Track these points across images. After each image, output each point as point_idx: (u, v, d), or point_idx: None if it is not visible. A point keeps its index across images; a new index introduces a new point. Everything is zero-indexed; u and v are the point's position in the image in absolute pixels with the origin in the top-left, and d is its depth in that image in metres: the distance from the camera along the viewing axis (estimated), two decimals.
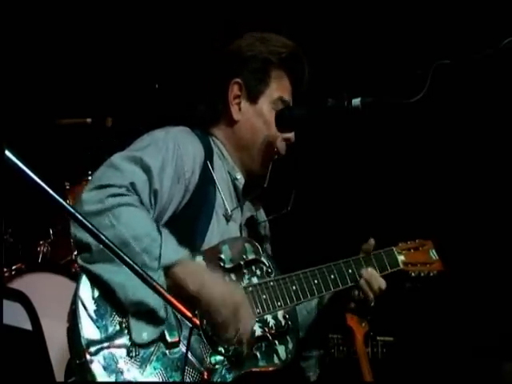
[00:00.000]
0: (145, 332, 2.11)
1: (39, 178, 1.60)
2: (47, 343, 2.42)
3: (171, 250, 2.19)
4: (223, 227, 2.47)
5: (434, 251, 2.78)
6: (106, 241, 1.76)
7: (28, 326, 2.54)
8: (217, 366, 2.21)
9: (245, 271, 2.39)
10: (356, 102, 2.40)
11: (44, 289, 3.59)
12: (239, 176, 2.57)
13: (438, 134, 4.26)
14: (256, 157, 2.57)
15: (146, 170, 2.28)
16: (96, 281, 2.14)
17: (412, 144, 4.30)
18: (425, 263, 2.74)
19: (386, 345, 4.02)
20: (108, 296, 2.12)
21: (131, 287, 2.08)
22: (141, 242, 2.14)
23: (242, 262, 2.39)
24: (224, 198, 2.50)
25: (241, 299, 2.24)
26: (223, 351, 2.24)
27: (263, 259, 2.45)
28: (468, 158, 4.24)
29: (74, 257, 3.90)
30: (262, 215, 2.76)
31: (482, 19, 3.99)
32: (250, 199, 2.65)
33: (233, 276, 2.36)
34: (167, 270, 2.16)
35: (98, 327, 2.10)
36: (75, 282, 3.49)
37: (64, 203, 1.68)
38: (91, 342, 2.07)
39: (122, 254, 1.79)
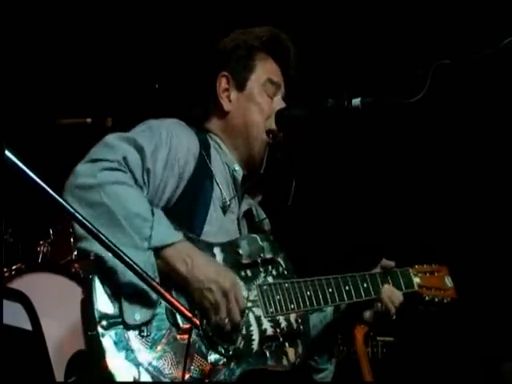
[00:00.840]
0: (137, 313, 2.11)
1: (39, 178, 1.60)
2: (47, 343, 2.42)
3: (163, 231, 2.19)
4: (221, 218, 2.47)
5: (449, 278, 2.78)
6: (107, 241, 1.76)
7: (28, 326, 2.54)
8: (218, 366, 2.21)
9: (261, 269, 2.39)
10: (356, 101, 2.40)
11: (44, 289, 3.59)
12: (237, 168, 2.57)
13: (439, 133, 4.26)
14: (252, 141, 2.57)
15: (139, 149, 2.29)
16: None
17: (412, 144, 4.31)
18: (439, 289, 2.74)
19: (385, 345, 4.02)
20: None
21: (122, 269, 2.06)
22: (132, 221, 2.14)
23: (259, 260, 2.40)
24: (222, 189, 2.51)
25: (232, 280, 2.24)
26: (223, 351, 2.24)
27: (280, 260, 2.46)
28: (468, 158, 4.25)
29: (74, 257, 3.90)
30: (261, 212, 2.76)
31: (482, 19, 4.00)
32: (247, 188, 2.64)
33: (249, 272, 2.37)
34: (158, 251, 2.16)
35: (111, 302, 2.10)
36: (75, 282, 3.53)
37: (64, 203, 1.68)
38: (104, 316, 2.07)
39: (122, 255, 1.78)
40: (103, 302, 2.10)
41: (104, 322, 2.07)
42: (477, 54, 2.30)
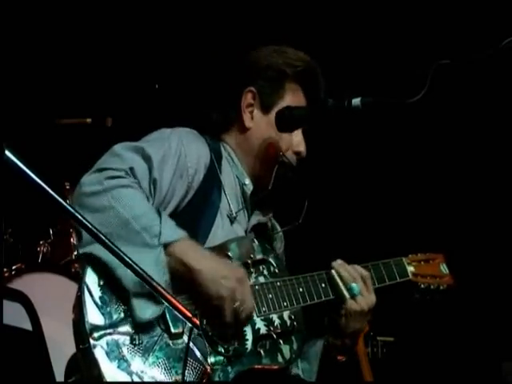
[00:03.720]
0: (148, 309, 2.12)
1: (39, 178, 1.60)
2: (47, 343, 2.43)
3: (170, 229, 2.20)
4: (228, 228, 2.47)
5: (444, 265, 2.77)
6: (106, 240, 1.75)
7: (28, 325, 2.55)
8: (216, 367, 2.21)
9: (252, 270, 2.39)
10: (356, 101, 2.39)
11: (44, 289, 3.59)
12: (248, 182, 2.56)
13: (439, 134, 4.26)
14: (265, 166, 2.55)
15: (147, 158, 2.29)
16: (97, 263, 2.14)
17: (412, 144, 4.31)
18: (435, 276, 2.73)
19: (385, 345, 4.02)
20: (110, 281, 2.13)
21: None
22: (140, 220, 2.16)
23: (249, 261, 2.39)
24: (230, 201, 2.50)
25: (242, 271, 2.25)
26: (223, 351, 2.24)
27: (271, 259, 2.45)
28: (468, 158, 4.25)
29: (74, 257, 3.90)
30: (275, 225, 2.74)
31: (482, 19, 4.00)
32: (256, 203, 2.62)
33: None
34: (167, 248, 2.17)
35: (102, 313, 2.11)
36: (75, 282, 3.53)
37: (64, 203, 1.68)
38: (95, 328, 2.09)
39: (122, 255, 1.78)
40: (93, 315, 2.11)
41: (95, 334, 2.08)
42: (477, 54, 2.30)
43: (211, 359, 2.21)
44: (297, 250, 2.87)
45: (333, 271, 2.51)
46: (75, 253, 3.88)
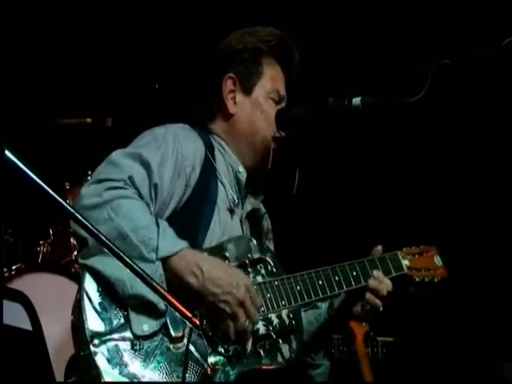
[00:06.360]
0: (145, 324, 2.12)
1: (39, 178, 1.60)
2: (47, 343, 2.42)
3: (169, 241, 2.19)
4: (225, 223, 2.47)
5: (438, 257, 2.78)
6: (107, 241, 1.75)
7: (28, 326, 2.54)
8: (217, 366, 2.21)
9: (249, 270, 2.39)
10: (356, 101, 2.40)
11: (44, 289, 3.59)
12: (241, 169, 2.57)
13: (439, 133, 4.26)
14: (257, 148, 2.57)
15: (145, 165, 2.29)
16: (96, 275, 2.15)
17: (412, 143, 4.31)
18: (429, 269, 2.74)
19: (385, 345, 4.02)
20: (109, 289, 2.13)
21: (129, 281, 2.09)
22: (138, 233, 2.15)
23: (246, 261, 2.39)
24: (227, 191, 2.51)
25: (246, 285, 2.23)
26: (223, 351, 2.24)
27: (268, 258, 2.46)
28: (468, 158, 4.25)
29: (73, 257, 3.90)
30: (262, 207, 2.76)
31: (482, 19, 4.00)
32: (252, 190, 2.64)
33: None
34: (166, 261, 2.17)
35: (102, 319, 2.11)
36: (75, 282, 3.53)
37: (64, 203, 1.67)
38: (95, 334, 2.08)
39: (122, 255, 1.78)
40: (93, 321, 2.11)
41: (96, 341, 2.08)
42: (477, 54, 2.30)
43: (211, 359, 2.21)
44: (291, 246, 2.87)
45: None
46: (75, 253, 3.88)
